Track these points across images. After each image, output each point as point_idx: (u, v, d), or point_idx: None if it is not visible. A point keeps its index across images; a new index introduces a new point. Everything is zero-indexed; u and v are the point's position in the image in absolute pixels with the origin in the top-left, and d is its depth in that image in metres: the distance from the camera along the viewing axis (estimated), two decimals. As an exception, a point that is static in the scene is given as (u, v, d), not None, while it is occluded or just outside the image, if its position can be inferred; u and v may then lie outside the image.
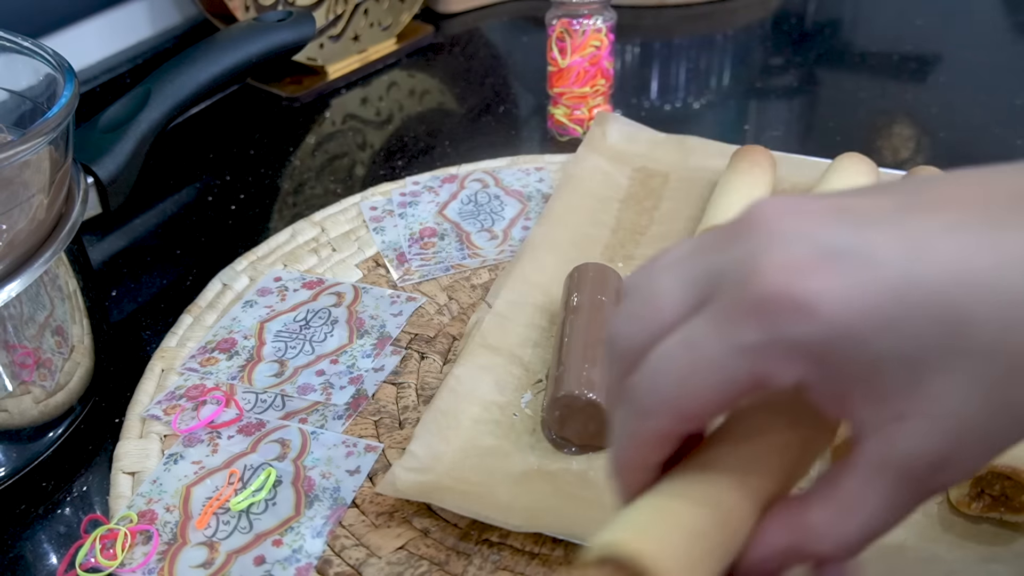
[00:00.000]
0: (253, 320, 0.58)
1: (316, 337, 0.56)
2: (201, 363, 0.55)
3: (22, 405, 0.48)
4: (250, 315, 0.58)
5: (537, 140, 0.80)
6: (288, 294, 0.60)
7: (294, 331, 0.57)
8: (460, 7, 1.02)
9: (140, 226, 0.71)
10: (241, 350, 0.55)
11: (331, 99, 0.88)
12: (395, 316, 0.58)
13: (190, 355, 0.56)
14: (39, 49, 0.51)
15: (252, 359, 0.55)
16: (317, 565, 0.43)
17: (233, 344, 0.56)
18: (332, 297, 0.59)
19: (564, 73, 0.75)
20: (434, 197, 0.69)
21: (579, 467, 0.48)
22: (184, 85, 0.67)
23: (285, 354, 0.55)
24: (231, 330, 0.57)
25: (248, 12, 0.83)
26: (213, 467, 0.48)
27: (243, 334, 0.56)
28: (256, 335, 0.56)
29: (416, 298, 0.59)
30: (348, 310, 0.58)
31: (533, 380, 0.53)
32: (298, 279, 0.61)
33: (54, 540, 0.47)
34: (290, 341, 0.56)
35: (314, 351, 0.55)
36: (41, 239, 0.47)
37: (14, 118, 0.54)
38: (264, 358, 0.54)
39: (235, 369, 0.54)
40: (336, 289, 0.60)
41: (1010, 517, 0.44)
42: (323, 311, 0.58)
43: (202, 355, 0.55)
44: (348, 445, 0.50)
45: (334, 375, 0.53)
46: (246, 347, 0.56)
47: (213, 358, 0.55)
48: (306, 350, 0.55)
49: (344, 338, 0.56)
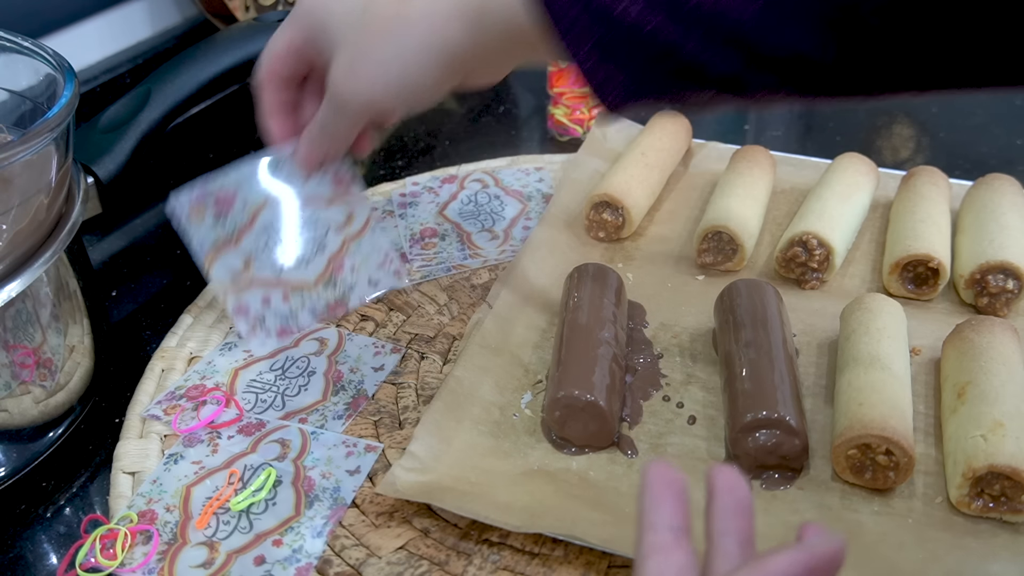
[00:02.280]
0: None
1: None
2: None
3: (22, 405, 0.48)
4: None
5: (537, 140, 0.80)
6: None
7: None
8: (460, 7, 1.02)
9: (140, 226, 0.71)
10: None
11: (331, 99, 0.87)
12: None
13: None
14: (39, 49, 0.51)
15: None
16: (317, 565, 0.43)
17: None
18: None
19: (564, 73, 0.75)
20: (434, 197, 0.69)
21: (579, 467, 0.48)
22: (184, 85, 0.67)
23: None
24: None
25: (248, 12, 0.83)
26: (213, 467, 0.48)
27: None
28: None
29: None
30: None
31: (533, 380, 0.53)
32: None
33: (54, 540, 0.47)
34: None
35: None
36: (41, 239, 0.47)
37: (14, 118, 0.54)
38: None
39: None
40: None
41: (1010, 517, 0.44)
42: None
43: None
44: (348, 445, 0.50)
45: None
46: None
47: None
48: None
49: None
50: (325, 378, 0.54)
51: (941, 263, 0.56)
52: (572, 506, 0.45)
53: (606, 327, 0.51)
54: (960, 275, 0.57)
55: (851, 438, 0.45)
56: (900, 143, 0.78)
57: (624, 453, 0.48)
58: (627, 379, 0.52)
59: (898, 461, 0.44)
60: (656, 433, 0.49)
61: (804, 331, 0.56)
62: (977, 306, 0.56)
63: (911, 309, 0.55)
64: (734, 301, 0.53)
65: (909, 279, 0.57)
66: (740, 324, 0.51)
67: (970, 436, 0.44)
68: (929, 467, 0.47)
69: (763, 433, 0.46)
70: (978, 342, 0.49)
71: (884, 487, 0.45)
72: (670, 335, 0.56)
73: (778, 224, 0.65)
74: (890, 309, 0.52)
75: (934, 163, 0.66)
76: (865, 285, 0.59)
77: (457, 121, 0.83)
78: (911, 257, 0.56)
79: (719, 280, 0.59)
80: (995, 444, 0.43)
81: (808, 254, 0.58)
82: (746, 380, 0.48)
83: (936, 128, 0.79)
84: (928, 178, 0.63)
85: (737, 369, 0.49)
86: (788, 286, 0.59)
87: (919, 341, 0.54)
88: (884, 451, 0.44)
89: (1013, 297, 0.55)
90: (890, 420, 0.45)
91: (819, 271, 0.58)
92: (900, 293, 0.58)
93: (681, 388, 0.52)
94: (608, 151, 0.71)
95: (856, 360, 0.49)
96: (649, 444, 0.49)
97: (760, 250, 0.63)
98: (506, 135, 0.81)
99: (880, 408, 0.45)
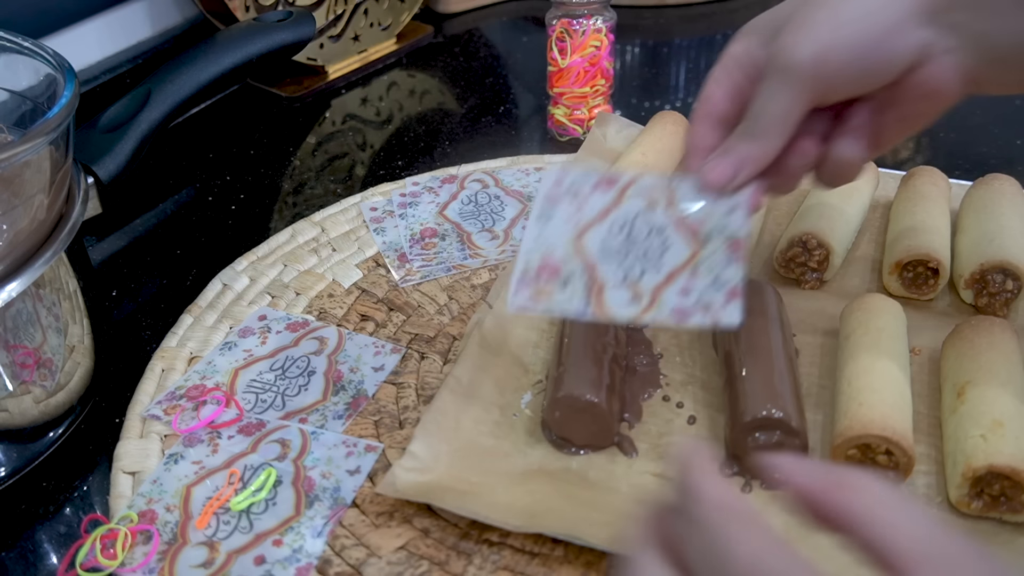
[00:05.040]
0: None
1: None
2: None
3: (22, 405, 0.48)
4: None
5: (537, 140, 0.80)
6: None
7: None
8: (460, 7, 1.02)
9: (140, 226, 0.71)
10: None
11: (331, 99, 0.88)
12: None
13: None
14: (39, 49, 0.51)
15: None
16: (317, 565, 0.43)
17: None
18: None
19: (564, 73, 0.75)
20: (434, 197, 0.69)
21: (579, 467, 0.48)
22: (184, 85, 0.67)
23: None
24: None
25: (248, 12, 0.83)
26: (213, 467, 0.48)
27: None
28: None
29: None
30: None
31: (533, 381, 0.53)
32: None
33: (54, 540, 0.47)
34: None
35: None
36: (41, 239, 0.47)
37: (14, 118, 0.54)
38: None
39: None
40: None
41: (1010, 517, 0.44)
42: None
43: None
44: (348, 445, 0.50)
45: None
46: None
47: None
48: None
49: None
50: (325, 378, 0.54)
51: (941, 263, 0.56)
52: (572, 506, 0.45)
53: (606, 327, 0.51)
54: (960, 275, 0.57)
55: (851, 438, 0.45)
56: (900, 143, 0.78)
57: (624, 453, 0.48)
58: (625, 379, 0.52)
59: (898, 461, 0.44)
60: (656, 433, 0.49)
61: (804, 331, 0.56)
62: (977, 306, 0.56)
63: (911, 309, 0.55)
64: None
65: (909, 279, 0.57)
66: None
67: (970, 436, 0.44)
68: (929, 467, 0.47)
69: (763, 433, 0.46)
70: (978, 342, 0.49)
71: (884, 487, 0.45)
72: (670, 335, 0.56)
73: (778, 224, 0.65)
74: (890, 309, 0.52)
75: (934, 163, 0.66)
76: (865, 285, 0.59)
77: (457, 121, 0.83)
78: (911, 257, 0.56)
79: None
80: (995, 444, 0.43)
81: (808, 254, 0.58)
82: (746, 380, 0.48)
83: (936, 128, 0.79)
84: (928, 178, 0.63)
85: (737, 369, 0.49)
86: (788, 286, 0.59)
87: (919, 341, 0.54)
88: (884, 451, 0.44)
89: (1013, 297, 0.55)
90: (890, 420, 0.45)
91: (819, 271, 0.58)
92: (900, 293, 0.58)
93: (681, 388, 0.52)
94: (608, 151, 0.71)
95: (856, 360, 0.49)
96: (649, 444, 0.49)
97: (760, 250, 0.63)
98: (506, 135, 0.81)
99: (880, 408, 0.45)
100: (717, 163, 0.45)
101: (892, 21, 0.40)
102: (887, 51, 0.41)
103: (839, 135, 0.46)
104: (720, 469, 0.47)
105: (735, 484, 0.46)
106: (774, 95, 0.43)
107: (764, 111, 0.43)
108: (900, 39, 0.41)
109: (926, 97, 0.43)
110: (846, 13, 0.41)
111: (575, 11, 0.72)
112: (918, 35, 0.41)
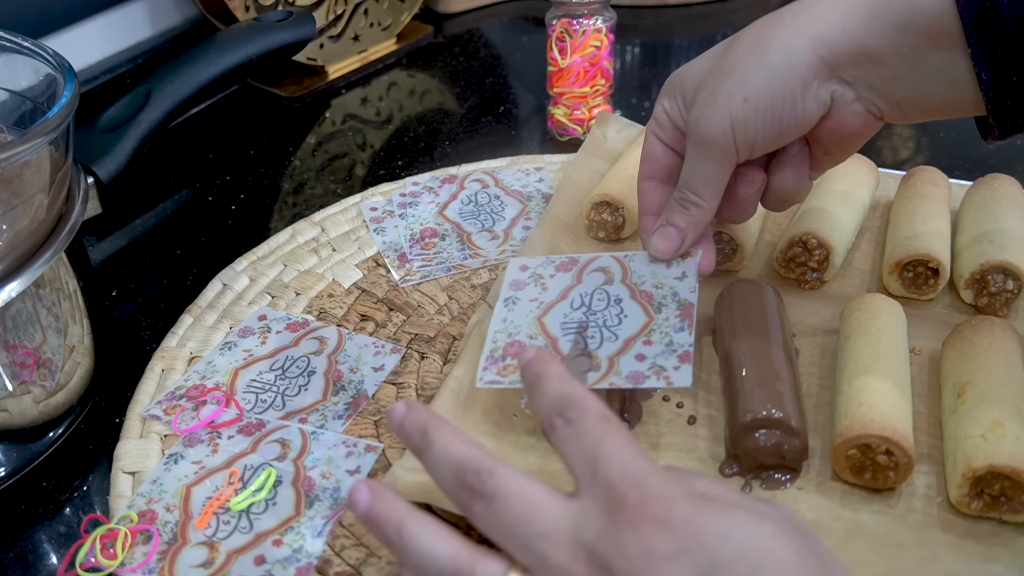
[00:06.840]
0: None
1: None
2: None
3: (22, 405, 0.48)
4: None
5: (537, 140, 0.80)
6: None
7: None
8: (460, 7, 1.02)
9: (140, 226, 0.71)
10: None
11: (331, 99, 0.88)
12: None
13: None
14: (39, 49, 0.51)
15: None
16: (317, 565, 0.43)
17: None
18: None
19: (564, 73, 0.75)
20: (434, 197, 0.69)
21: (579, 467, 0.48)
22: (184, 85, 0.67)
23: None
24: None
25: (248, 12, 0.83)
26: (213, 467, 0.48)
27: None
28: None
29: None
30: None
31: (533, 380, 0.53)
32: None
33: (54, 540, 0.47)
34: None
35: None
36: (41, 239, 0.47)
37: (14, 118, 0.54)
38: None
39: None
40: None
41: (1010, 517, 0.44)
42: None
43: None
44: (348, 445, 0.50)
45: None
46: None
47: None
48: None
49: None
50: (325, 378, 0.54)
51: (941, 263, 0.56)
52: (572, 506, 0.45)
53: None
54: (960, 275, 0.57)
55: (851, 438, 0.45)
56: (900, 143, 0.78)
57: (624, 453, 0.48)
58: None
59: (898, 461, 0.44)
60: (656, 433, 0.49)
61: (804, 331, 0.56)
62: (977, 306, 0.56)
63: (911, 309, 0.55)
64: (734, 301, 0.53)
65: (909, 279, 0.57)
66: (740, 324, 0.51)
67: (970, 436, 0.44)
68: (929, 467, 0.47)
69: (763, 433, 0.46)
70: (978, 342, 0.49)
71: (884, 487, 0.45)
72: (670, 335, 0.56)
73: (778, 224, 0.65)
74: (890, 309, 0.52)
75: (934, 163, 0.66)
76: (865, 285, 0.59)
77: (457, 121, 0.83)
78: (911, 257, 0.56)
79: (719, 280, 0.59)
80: (995, 444, 0.43)
81: (808, 254, 0.58)
82: (746, 380, 0.48)
83: (936, 128, 0.79)
84: (928, 178, 0.63)
85: (737, 369, 0.49)
86: (788, 286, 0.59)
87: (919, 341, 0.54)
88: (884, 451, 0.44)
89: (1013, 297, 0.55)
90: (890, 420, 0.45)
91: (819, 271, 0.58)
92: (900, 293, 0.58)
93: (681, 388, 0.52)
94: (608, 151, 0.71)
95: (856, 360, 0.49)
96: (649, 444, 0.49)
97: (760, 250, 0.63)
98: (506, 135, 0.81)
99: (880, 408, 0.45)
100: (661, 235, 0.49)
101: (797, 84, 0.43)
102: (797, 113, 0.44)
103: (777, 167, 0.49)
104: (720, 469, 0.47)
105: (735, 484, 0.46)
106: (699, 164, 0.46)
107: (693, 179, 0.47)
108: (807, 100, 0.43)
109: (844, 137, 0.46)
110: (753, 81, 0.43)
111: (575, 11, 0.72)
112: (822, 93, 0.43)
